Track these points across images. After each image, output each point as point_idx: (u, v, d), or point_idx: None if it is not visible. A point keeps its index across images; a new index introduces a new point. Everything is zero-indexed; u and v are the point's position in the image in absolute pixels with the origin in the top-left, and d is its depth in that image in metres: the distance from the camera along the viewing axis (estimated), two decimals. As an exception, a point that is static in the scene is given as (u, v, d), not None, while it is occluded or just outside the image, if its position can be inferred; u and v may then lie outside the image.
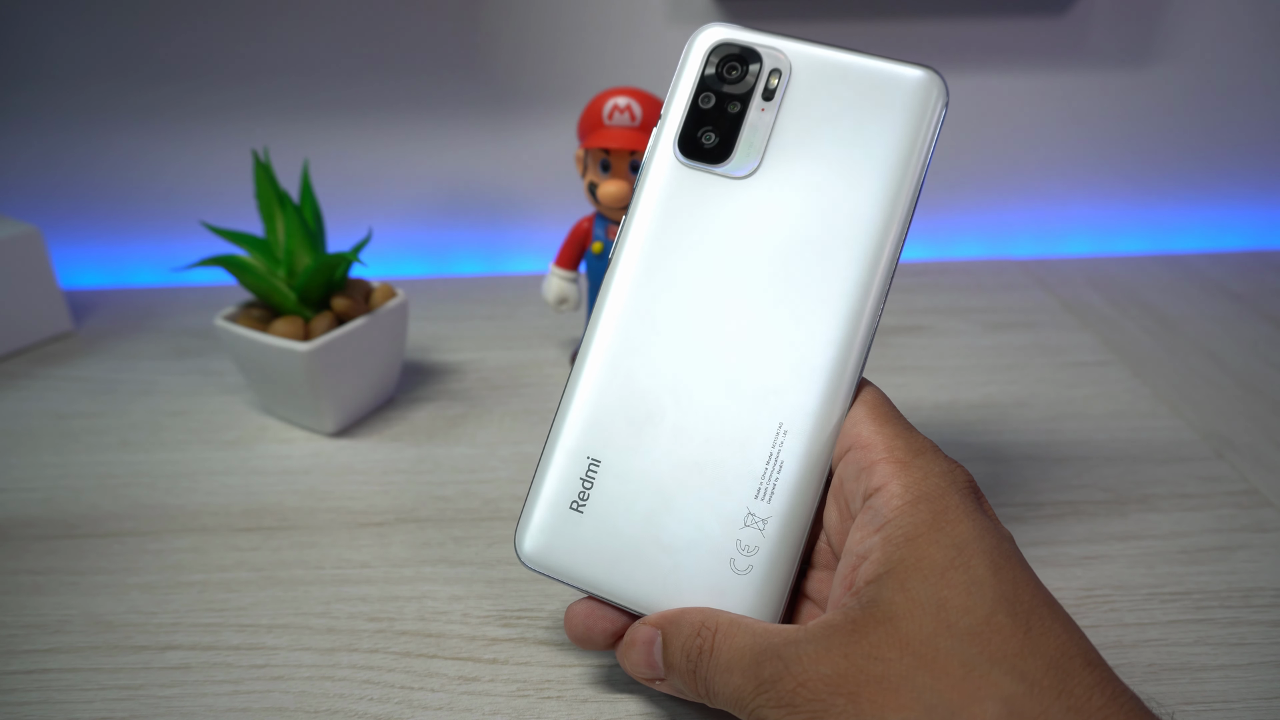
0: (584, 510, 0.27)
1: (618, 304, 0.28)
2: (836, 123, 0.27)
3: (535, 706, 0.29)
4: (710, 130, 0.28)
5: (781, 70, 0.27)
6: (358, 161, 0.62)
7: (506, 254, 0.66)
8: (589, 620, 0.27)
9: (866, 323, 0.27)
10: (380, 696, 0.29)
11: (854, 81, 0.27)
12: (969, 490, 0.24)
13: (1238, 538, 0.36)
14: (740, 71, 0.28)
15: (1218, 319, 0.56)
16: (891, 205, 0.27)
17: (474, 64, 0.59)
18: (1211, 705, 0.28)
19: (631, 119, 0.40)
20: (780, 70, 0.27)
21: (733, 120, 0.28)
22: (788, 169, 0.27)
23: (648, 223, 0.28)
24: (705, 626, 0.25)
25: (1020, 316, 0.56)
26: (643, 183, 0.28)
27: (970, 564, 0.22)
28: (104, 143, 0.60)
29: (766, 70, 0.28)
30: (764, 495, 0.26)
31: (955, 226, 0.67)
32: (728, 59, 0.28)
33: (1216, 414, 0.45)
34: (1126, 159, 0.66)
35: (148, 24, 0.56)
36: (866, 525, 0.24)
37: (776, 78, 0.27)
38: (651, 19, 0.58)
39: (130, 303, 0.59)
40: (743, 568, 0.26)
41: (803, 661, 0.22)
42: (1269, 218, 0.69)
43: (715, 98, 0.28)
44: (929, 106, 0.27)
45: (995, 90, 0.62)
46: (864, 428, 0.26)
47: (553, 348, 0.52)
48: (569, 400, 0.28)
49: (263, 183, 0.42)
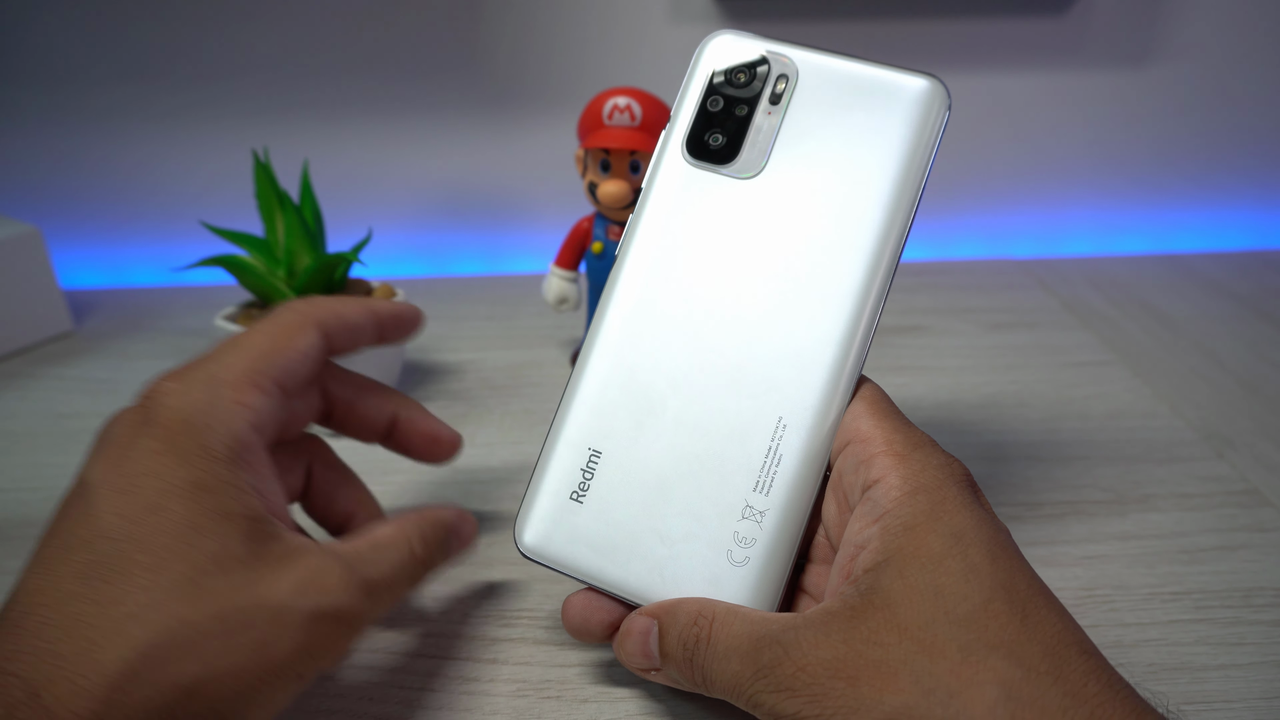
0: (584, 501, 0.27)
1: (623, 298, 0.28)
2: (841, 128, 0.28)
3: (535, 706, 0.29)
4: (717, 132, 0.29)
5: (789, 76, 0.28)
6: (358, 161, 0.62)
7: (506, 254, 0.66)
8: (586, 611, 0.27)
9: (867, 321, 0.27)
10: (380, 696, 0.29)
11: (859, 89, 0.28)
12: (966, 483, 0.24)
13: (1238, 538, 0.36)
14: (748, 77, 0.29)
15: (1218, 319, 0.56)
16: (893, 209, 0.27)
17: (474, 64, 0.59)
18: (1211, 705, 0.28)
19: (631, 119, 0.40)
20: (787, 76, 0.28)
21: (739, 123, 0.28)
22: (792, 171, 0.28)
23: (654, 220, 0.29)
24: (702, 615, 0.25)
25: (1020, 316, 0.56)
26: (651, 182, 0.29)
27: (967, 552, 0.22)
28: (104, 143, 0.60)
29: (774, 76, 0.28)
30: (762, 488, 0.27)
31: (955, 226, 0.67)
32: (736, 65, 0.29)
33: (1216, 414, 0.45)
34: (1126, 159, 0.66)
35: (148, 24, 0.56)
36: (865, 516, 0.24)
37: (784, 83, 0.28)
38: (652, 19, 0.58)
39: (130, 303, 0.59)
40: (740, 560, 0.26)
41: (802, 646, 0.22)
42: (1269, 218, 0.69)
43: (723, 101, 0.29)
44: (932, 114, 0.27)
45: (995, 90, 0.62)
46: (863, 422, 0.26)
47: (553, 348, 0.53)
48: (572, 392, 0.28)
49: (263, 183, 0.42)
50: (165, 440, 0.23)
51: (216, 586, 0.22)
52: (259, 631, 0.22)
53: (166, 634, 0.21)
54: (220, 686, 0.21)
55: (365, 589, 0.24)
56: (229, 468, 0.23)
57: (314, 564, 0.23)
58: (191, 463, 0.22)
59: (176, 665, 0.21)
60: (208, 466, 0.23)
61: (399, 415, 0.31)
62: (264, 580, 0.22)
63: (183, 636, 0.21)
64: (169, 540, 0.22)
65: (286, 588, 0.22)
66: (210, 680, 0.21)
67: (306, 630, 0.22)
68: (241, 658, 0.21)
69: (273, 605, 0.22)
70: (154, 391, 0.24)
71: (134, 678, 0.20)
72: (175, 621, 0.21)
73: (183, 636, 0.21)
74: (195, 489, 0.22)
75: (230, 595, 0.22)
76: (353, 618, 0.24)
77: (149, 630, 0.20)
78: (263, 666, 0.22)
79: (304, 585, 0.23)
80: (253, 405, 0.25)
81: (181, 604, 0.21)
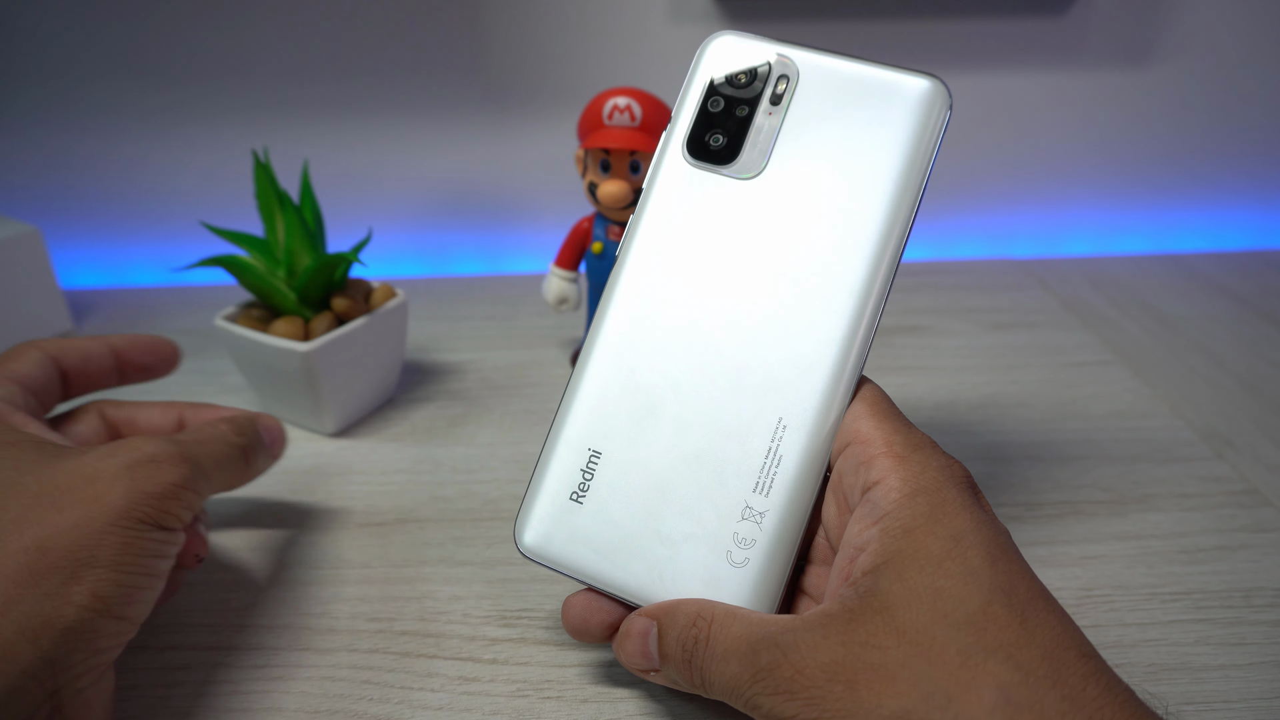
0: (584, 501, 0.27)
1: (623, 299, 0.28)
2: (842, 128, 0.28)
3: (535, 706, 0.29)
4: (718, 133, 0.29)
5: (789, 77, 0.28)
6: (358, 161, 0.62)
7: (506, 254, 0.66)
8: (586, 612, 0.27)
9: (867, 322, 0.27)
10: (380, 696, 0.29)
11: (860, 89, 0.28)
12: (966, 485, 0.24)
13: (1238, 538, 0.36)
14: (749, 78, 0.29)
15: (1218, 319, 0.56)
16: (894, 209, 0.27)
17: (474, 64, 0.59)
18: (1211, 705, 0.28)
19: (631, 119, 0.40)
20: (788, 77, 0.28)
21: (740, 123, 0.28)
22: (793, 171, 0.28)
23: (655, 220, 0.29)
24: (701, 616, 0.25)
25: (1020, 316, 0.56)
26: (651, 182, 0.29)
27: (966, 555, 0.22)
28: (104, 143, 0.60)
29: (775, 77, 0.28)
30: (762, 489, 0.26)
31: (955, 226, 0.67)
32: (737, 66, 0.29)
33: (1216, 414, 0.45)
34: (1126, 159, 0.66)
35: (148, 25, 0.56)
36: (864, 518, 0.24)
37: (784, 84, 0.28)
38: (652, 19, 0.58)
39: (130, 303, 0.59)
40: (739, 561, 0.26)
41: (800, 649, 0.22)
42: (1269, 218, 0.69)
43: (724, 102, 0.29)
44: (933, 115, 0.27)
45: (995, 90, 0.62)
46: (863, 423, 0.26)
47: (553, 348, 0.53)
48: (573, 392, 0.28)
49: (263, 183, 0.42)
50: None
51: (32, 477, 0.25)
52: (82, 491, 0.25)
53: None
54: (67, 539, 0.24)
55: (178, 448, 0.27)
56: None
57: (121, 442, 0.27)
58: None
59: (15, 534, 0.24)
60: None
61: (184, 415, 0.34)
62: (74, 458, 0.26)
63: (14, 514, 0.24)
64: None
65: (97, 456, 0.26)
66: (54, 535, 0.24)
67: (130, 475, 0.25)
68: (76, 513, 0.24)
69: (88, 469, 0.25)
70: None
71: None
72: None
73: (14, 514, 0.24)
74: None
75: (49, 474, 0.25)
76: (170, 464, 0.26)
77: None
78: (102, 513, 0.24)
79: (114, 449, 0.26)
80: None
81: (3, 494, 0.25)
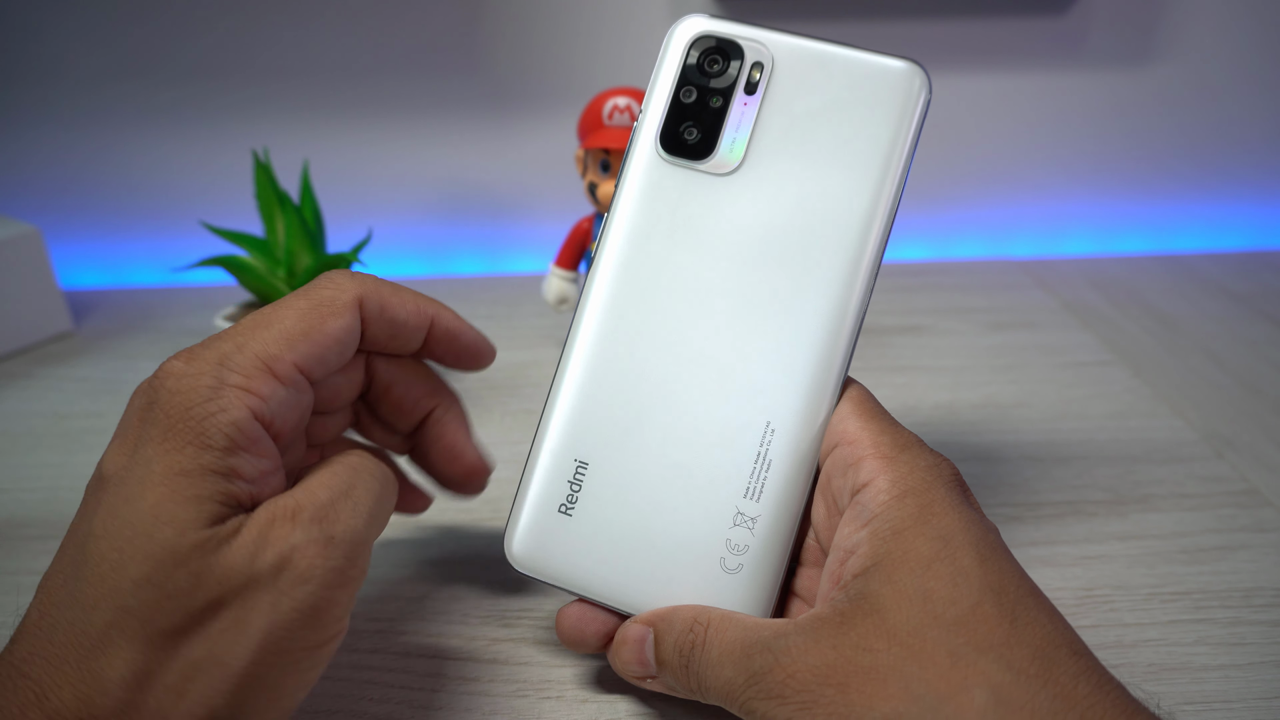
0: (573, 513, 0.27)
1: (599, 304, 0.27)
2: (820, 116, 0.27)
3: (535, 706, 0.29)
4: (692, 126, 0.27)
5: (764, 63, 0.27)
6: (358, 161, 0.62)
7: (506, 254, 0.66)
8: (580, 623, 0.27)
9: (852, 319, 0.26)
10: (380, 696, 0.29)
11: (836, 73, 0.27)
12: (955, 483, 0.24)
13: (1238, 538, 0.36)
14: (722, 65, 0.27)
15: (1218, 319, 0.56)
16: (875, 199, 0.26)
17: (474, 64, 0.59)
18: (1211, 705, 0.28)
19: (631, 119, 0.40)
20: (762, 63, 0.27)
21: (715, 115, 0.27)
22: (771, 165, 0.27)
23: (629, 221, 0.28)
24: (698, 622, 0.25)
25: (1020, 316, 0.56)
26: (624, 179, 0.28)
27: (956, 556, 0.22)
28: (104, 143, 0.60)
29: (749, 63, 0.27)
30: (753, 494, 0.26)
31: (955, 226, 0.67)
32: (709, 52, 0.27)
33: (1216, 414, 0.45)
34: (1126, 159, 0.66)
35: (148, 24, 0.56)
36: (854, 520, 0.24)
37: (759, 71, 0.27)
38: (652, 19, 0.58)
39: (130, 303, 0.59)
40: (733, 566, 0.26)
41: (792, 653, 0.22)
42: (1269, 218, 0.69)
43: (697, 92, 0.27)
44: (911, 97, 0.26)
45: (995, 90, 0.62)
46: (850, 424, 0.26)
47: (553, 348, 0.52)
48: (554, 402, 0.28)
49: (263, 183, 0.42)
50: (164, 427, 0.22)
51: (176, 581, 0.21)
52: (231, 609, 0.21)
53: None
54: (223, 668, 0.20)
55: (319, 523, 0.23)
56: (221, 456, 0.22)
57: (264, 517, 0.22)
58: (183, 451, 0.22)
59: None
60: (196, 455, 0.22)
61: (435, 414, 0.29)
62: (221, 556, 0.21)
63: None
64: (132, 534, 0.21)
65: (241, 554, 0.21)
66: (211, 663, 0.20)
67: (272, 585, 0.21)
68: (226, 641, 0.21)
69: (234, 577, 0.21)
70: (162, 372, 0.23)
71: (147, 678, 0.20)
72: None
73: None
74: (176, 476, 0.22)
75: (191, 586, 0.21)
76: (314, 556, 0.22)
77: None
78: (251, 638, 0.21)
79: (259, 542, 0.22)
80: (261, 393, 0.23)
81: (145, 605, 0.20)
